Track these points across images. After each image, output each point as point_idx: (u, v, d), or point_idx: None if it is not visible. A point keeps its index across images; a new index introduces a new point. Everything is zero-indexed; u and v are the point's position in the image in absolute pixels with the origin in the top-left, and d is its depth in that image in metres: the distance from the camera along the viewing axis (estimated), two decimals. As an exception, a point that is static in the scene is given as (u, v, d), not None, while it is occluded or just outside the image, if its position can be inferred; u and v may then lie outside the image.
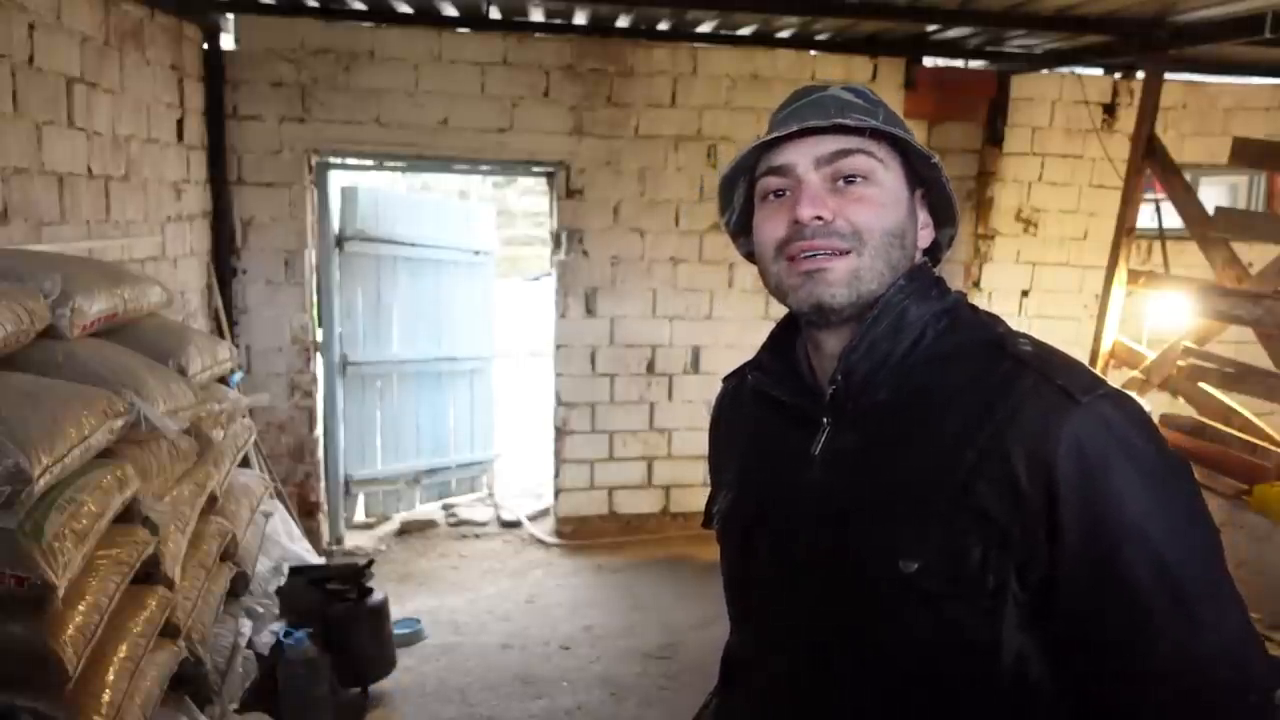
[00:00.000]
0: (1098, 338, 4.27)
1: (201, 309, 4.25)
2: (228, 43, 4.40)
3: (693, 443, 5.04)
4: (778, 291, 1.01)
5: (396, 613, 3.71)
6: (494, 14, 4.45)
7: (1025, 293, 5.37)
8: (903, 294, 0.97)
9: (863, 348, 0.97)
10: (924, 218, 1.04)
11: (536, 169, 4.99)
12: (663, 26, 4.62)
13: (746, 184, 1.04)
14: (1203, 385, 3.94)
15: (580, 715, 3.37)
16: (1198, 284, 3.91)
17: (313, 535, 4.56)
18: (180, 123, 3.99)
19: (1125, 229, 4.18)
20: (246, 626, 2.63)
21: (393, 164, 4.99)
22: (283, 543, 3.40)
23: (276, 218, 4.50)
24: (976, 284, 5.27)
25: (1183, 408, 4.15)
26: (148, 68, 3.62)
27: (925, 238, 1.04)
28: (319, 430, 4.79)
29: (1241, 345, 4.43)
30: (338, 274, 4.82)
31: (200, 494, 2.29)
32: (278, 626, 2.89)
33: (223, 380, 2.79)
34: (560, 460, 5.04)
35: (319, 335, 4.82)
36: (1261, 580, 3.14)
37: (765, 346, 1.10)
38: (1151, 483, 0.85)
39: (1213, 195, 5.52)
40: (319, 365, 4.80)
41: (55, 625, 1.51)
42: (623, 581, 4.57)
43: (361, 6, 4.32)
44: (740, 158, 1.01)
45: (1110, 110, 5.21)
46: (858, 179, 0.96)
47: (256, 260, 4.52)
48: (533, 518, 5.30)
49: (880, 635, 0.93)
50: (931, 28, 4.42)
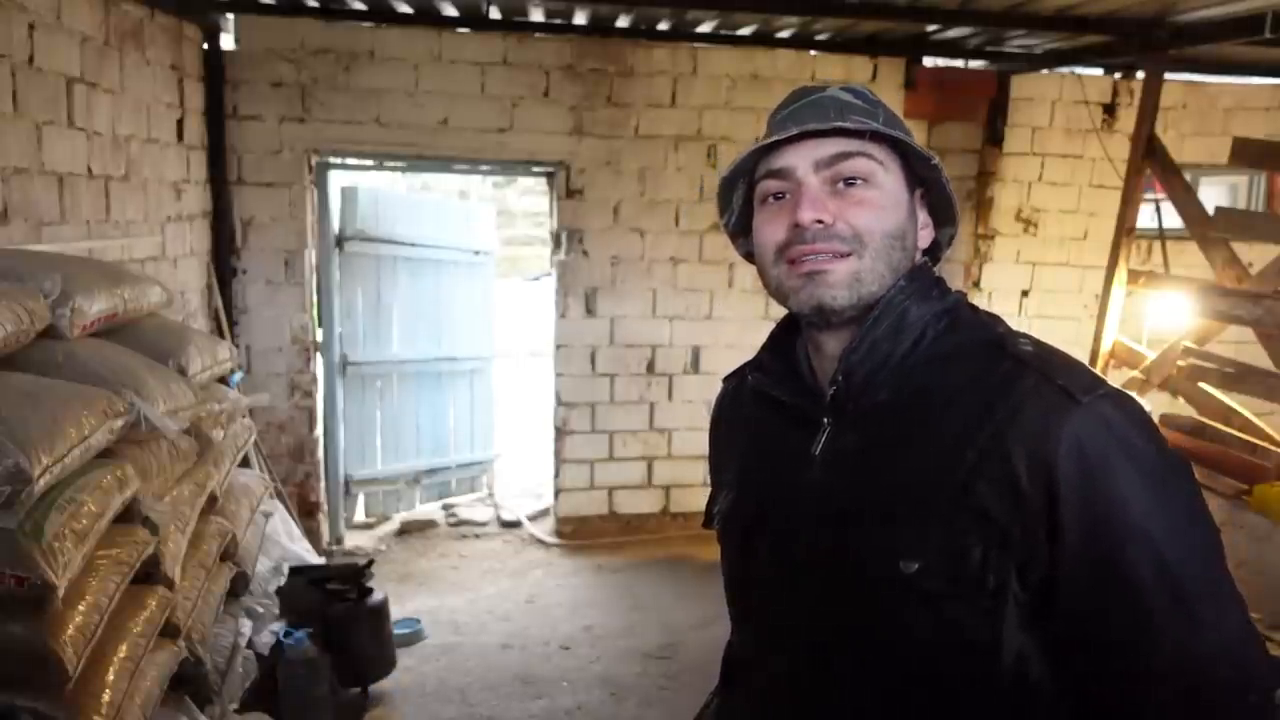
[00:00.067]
0: (1098, 338, 4.27)
1: (201, 309, 4.25)
2: (228, 43, 4.40)
3: (693, 443, 5.04)
4: (778, 294, 1.01)
5: (396, 613, 3.71)
6: (494, 14, 4.45)
7: (1025, 293, 5.37)
8: (903, 294, 0.97)
9: (863, 348, 0.97)
10: (924, 218, 1.04)
11: (536, 169, 4.99)
12: (663, 26, 4.62)
13: (746, 186, 1.04)
14: (1203, 385, 3.94)
15: (580, 715, 3.37)
16: (1198, 284, 3.91)
17: (313, 535, 4.56)
18: (180, 123, 3.99)
19: (1125, 229, 4.18)
20: (246, 626, 2.63)
21: (393, 164, 4.99)
22: (283, 543, 3.40)
23: (276, 218, 4.51)
24: (976, 284, 5.27)
25: (1183, 408, 4.15)
26: (148, 68, 3.62)
27: (925, 238, 1.04)
28: (319, 430, 4.79)
29: (1241, 345, 4.43)
30: (338, 274, 4.82)
31: (200, 494, 2.29)
32: (278, 626, 2.89)
33: (223, 380, 2.79)
34: (560, 460, 5.05)
35: (319, 335, 4.82)
36: (1261, 580, 3.14)
37: (765, 347, 1.10)
38: (1152, 482, 0.85)
39: (1213, 195, 5.52)
40: (319, 365, 4.80)
41: (55, 625, 1.51)
42: (623, 581, 4.57)
43: (361, 6, 4.32)
44: (739, 161, 1.01)
45: (1110, 110, 5.21)
46: (858, 181, 0.96)
47: (256, 260, 4.52)
48: (533, 518, 5.30)
49: (880, 635, 0.93)
50: (931, 28, 4.42)
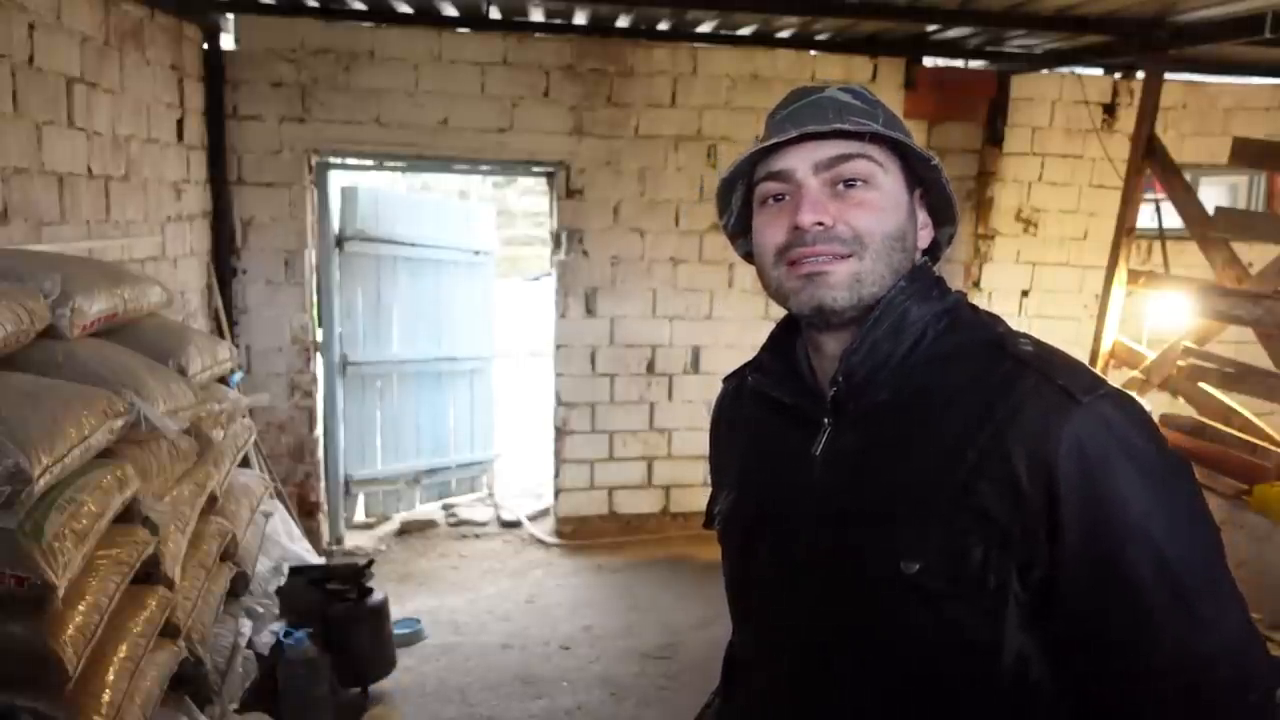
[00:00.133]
0: (1098, 338, 4.27)
1: (201, 309, 4.25)
2: (228, 43, 4.40)
3: (693, 443, 5.05)
4: (778, 295, 1.01)
5: (396, 613, 3.71)
6: (494, 14, 4.45)
7: (1025, 293, 5.37)
8: (903, 295, 0.97)
9: (864, 349, 0.97)
10: (923, 218, 1.04)
11: (536, 169, 4.99)
12: (663, 26, 4.62)
13: (745, 187, 1.04)
14: (1203, 385, 3.94)
15: (580, 715, 3.37)
16: (1198, 284, 3.91)
17: (313, 535, 4.56)
18: (180, 123, 3.99)
19: (1125, 229, 4.18)
20: (246, 626, 2.63)
21: (393, 164, 4.99)
22: (283, 543, 3.40)
23: (276, 218, 4.51)
24: (976, 284, 5.27)
25: (1183, 408, 4.15)
26: (148, 68, 3.62)
27: (925, 238, 1.04)
28: (319, 430, 4.79)
29: (1241, 345, 4.43)
30: (338, 274, 4.82)
31: (200, 494, 2.29)
32: (278, 626, 2.89)
33: (223, 380, 2.79)
34: (560, 460, 5.05)
35: (319, 335, 4.82)
36: (1261, 580, 3.14)
37: (765, 347, 1.10)
38: (1152, 482, 0.85)
39: (1213, 195, 5.52)
40: (319, 365, 4.80)
41: (55, 625, 1.51)
42: (622, 582, 4.57)
43: (361, 6, 4.32)
44: (738, 162, 1.01)
45: (1110, 110, 5.21)
46: (857, 183, 0.96)
47: (256, 260, 4.52)
48: (533, 518, 5.30)
49: (881, 635, 0.93)
50: (931, 28, 4.42)
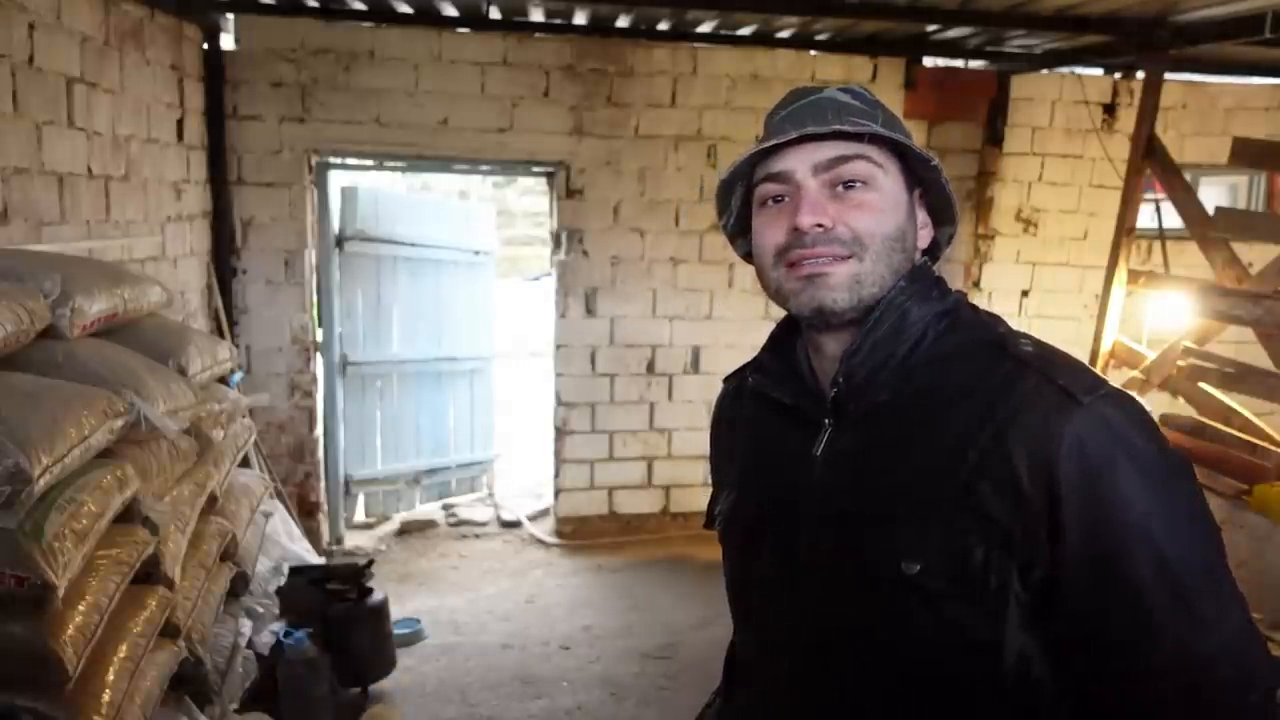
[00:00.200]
0: (1098, 338, 4.27)
1: (201, 309, 4.25)
2: (228, 43, 4.40)
3: (693, 443, 5.05)
4: (778, 296, 1.01)
5: (396, 613, 3.71)
6: (494, 14, 4.45)
7: (1025, 293, 5.37)
8: (904, 295, 0.97)
9: (864, 349, 0.97)
10: (923, 217, 1.04)
11: (536, 169, 4.99)
12: (663, 26, 4.62)
13: (744, 187, 1.04)
14: (1203, 385, 3.94)
15: (580, 715, 3.37)
16: (1198, 284, 3.91)
17: (313, 535, 4.56)
18: (180, 123, 3.99)
19: (1125, 229, 4.18)
20: (246, 626, 2.63)
21: (393, 164, 4.99)
22: (283, 543, 3.40)
23: (276, 218, 4.51)
24: (976, 284, 5.27)
25: (1183, 408, 4.15)
26: (148, 68, 3.62)
27: (925, 237, 1.04)
28: (319, 430, 4.79)
29: (1241, 345, 4.43)
30: (338, 274, 4.82)
31: (200, 494, 2.29)
32: (278, 626, 2.89)
33: (223, 380, 2.79)
34: (560, 460, 5.04)
35: (319, 335, 4.82)
36: (1261, 580, 3.14)
37: (765, 348, 1.10)
38: (1152, 483, 0.85)
39: (1213, 195, 5.52)
40: (319, 365, 4.80)
41: (55, 625, 1.51)
42: (622, 582, 4.57)
43: (361, 6, 4.32)
44: (738, 164, 1.01)
45: (1110, 110, 5.21)
46: (856, 184, 0.96)
47: (256, 260, 4.52)
48: (533, 518, 5.30)
49: (882, 636, 0.93)
50: (931, 28, 4.42)
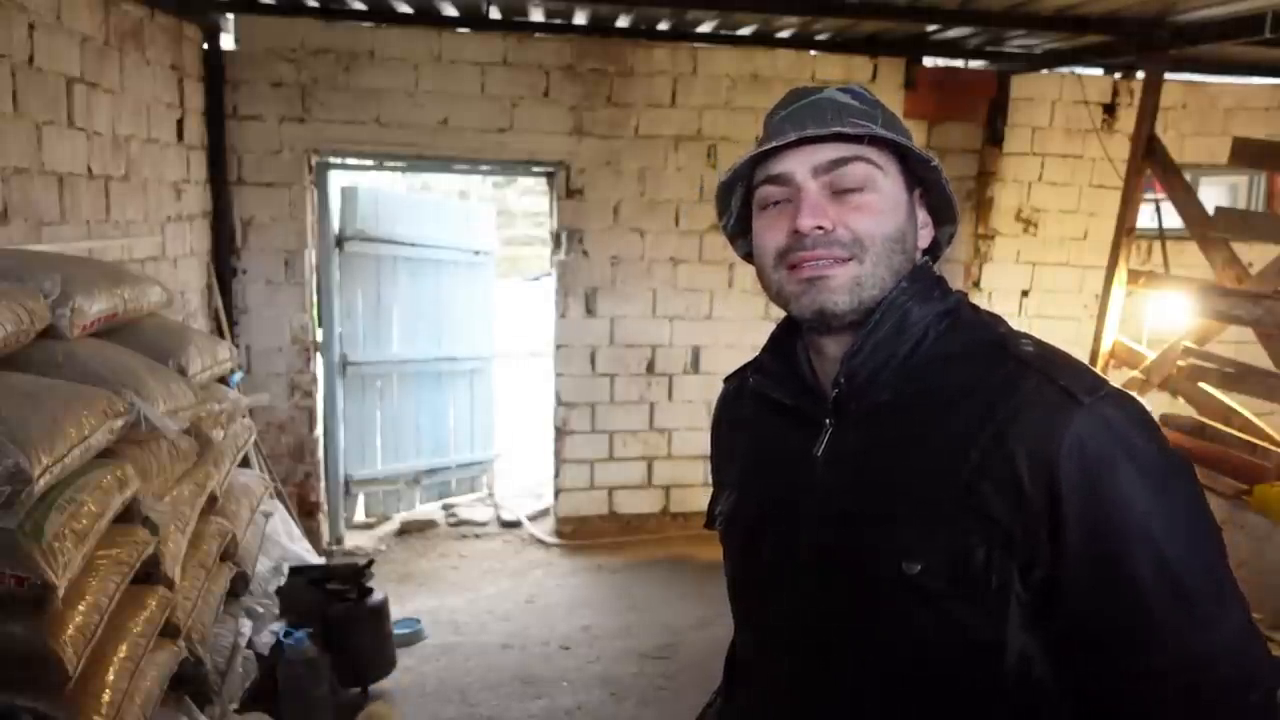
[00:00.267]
0: (1098, 338, 4.27)
1: (201, 309, 4.25)
2: (228, 43, 4.40)
3: (693, 443, 5.05)
4: (778, 298, 1.01)
5: (396, 613, 3.71)
6: (494, 14, 4.45)
7: (1025, 293, 5.37)
8: (905, 295, 0.97)
9: (866, 350, 0.97)
10: (923, 217, 1.04)
11: (536, 169, 4.99)
12: (663, 26, 4.62)
13: (744, 188, 1.04)
14: (1203, 385, 3.94)
15: (580, 715, 3.37)
16: (1198, 284, 3.91)
17: (313, 535, 4.55)
18: (180, 123, 3.98)
19: (1125, 229, 4.18)
20: (246, 626, 2.63)
21: (393, 164, 4.99)
22: (283, 543, 3.40)
23: (276, 218, 4.50)
24: (976, 284, 5.27)
25: (1183, 408, 4.15)
26: (148, 68, 3.62)
27: (925, 237, 1.04)
28: (319, 430, 4.79)
29: (1241, 345, 4.43)
30: (338, 274, 4.82)
31: (200, 494, 2.29)
32: (278, 626, 2.89)
33: (223, 380, 2.79)
34: (560, 460, 5.04)
35: (319, 335, 4.82)
36: (1261, 580, 3.14)
37: (766, 348, 1.10)
38: (1153, 483, 0.85)
39: (1213, 195, 5.52)
40: (319, 365, 4.80)
41: (55, 625, 1.51)
42: (622, 582, 4.57)
43: (361, 6, 4.32)
44: (737, 166, 1.01)
45: (1110, 110, 5.21)
46: (857, 185, 0.95)
47: (256, 260, 4.52)
48: (533, 518, 5.30)
49: (883, 636, 0.93)
50: (931, 28, 4.42)
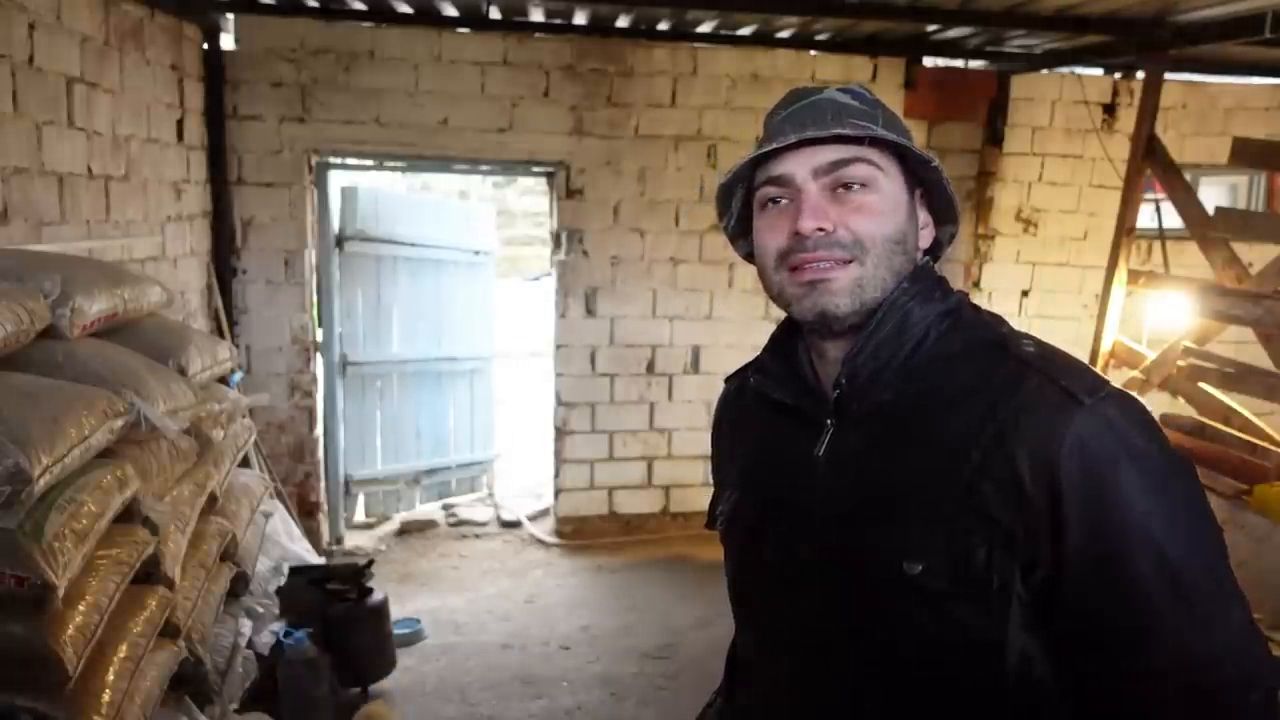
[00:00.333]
0: (1098, 338, 4.27)
1: (201, 309, 4.24)
2: (228, 43, 4.40)
3: (693, 443, 5.04)
4: (780, 299, 1.01)
5: (396, 613, 3.71)
6: (494, 14, 4.45)
7: (1025, 293, 5.37)
8: (906, 296, 0.97)
9: (868, 350, 0.97)
10: (924, 217, 1.04)
11: (536, 169, 4.99)
12: (663, 26, 4.62)
13: (745, 189, 1.04)
14: (1203, 385, 3.94)
15: (580, 715, 3.36)
16: (1198, 284, 3.91)
17: (313, 535, 4.55)
18: (180, 123, 3.98)
19: (1125, 229, 4.18)
20: (246, 626, 2.63)
21: (393, 164, 4.99)
22: (283, 543, 3.40)
23: (276, 218, 4.50)
24: (976, 284, 5.27)
25: (1183, 408, 4.15)
26: (148, 68, 3.62)
27: (926, 237, 1.04)
28: (319, 430, 4.79)
29: (1241, 345, 4.43)
30: (338, 274, 4.81)
31: (200, 494, 2.29)
32: (278, 626, 2.89)
33: (223, 380, 2.79)
34: (560, 460, 5.04)
35: (319, 335, 4.82)
36: (1261, 580, 3.14)
37: (767, 349, 1.10)
38: (1154, 483, 0.85)
39: (1213, 195, 5.52)
40: (319, 365, 4.80)
41: (55, 625, 1.51)
42: (622, 582, 4.57)
43: (361, 6, 4.32)
44: (738, 168, 1.01)
45: (1110, 110, 5.21)
46: (857, 186, 0.96)
47: (256, 260, 4.52)
48: (533, 518, 5.30)
49: (884, 636, 0.93)
50: (931, 28, 4.42)
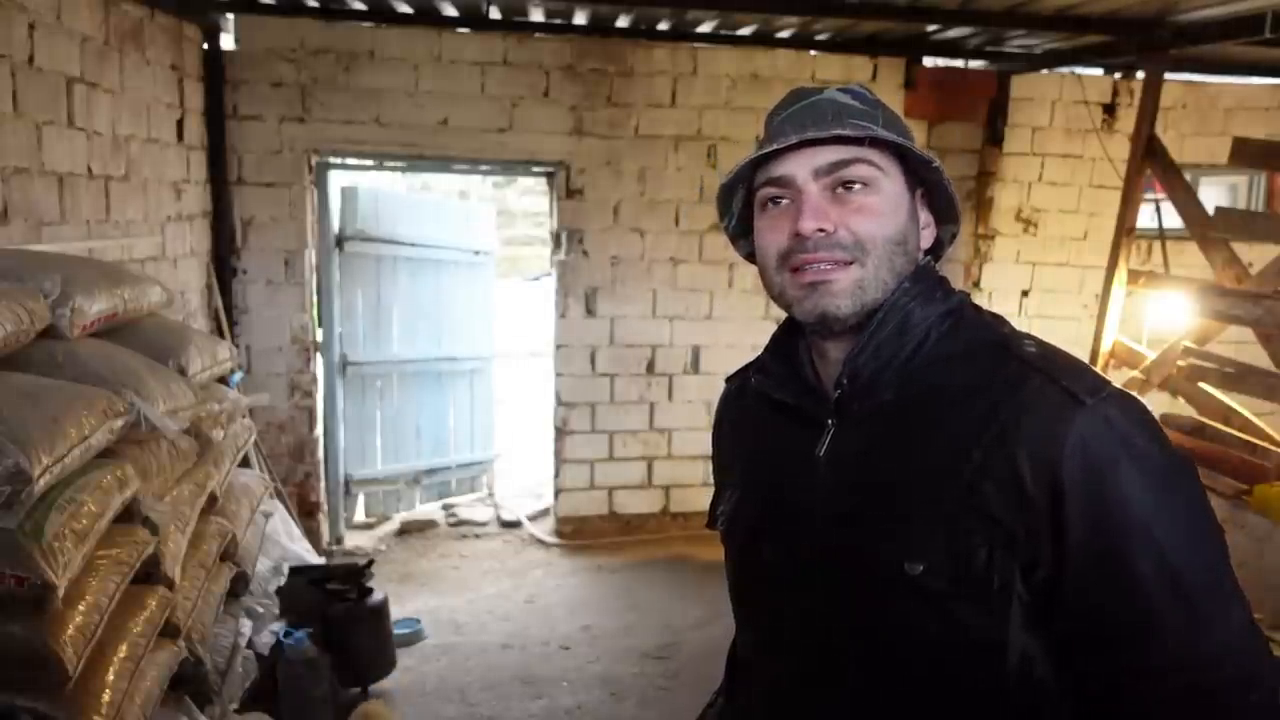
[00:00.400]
0: (1098, 338, 4.27)
1: (201, 309, 4.24)
2: (228, 43, 4.40)
3: (693, 443, 5.04)
4: (781, 300, 1.01)
5: (396, 613, 3.71)
6: (494, 14, 4.45)
7: (1025, 293, 5.37)
8: (907, 296, 0.97)
9: (869, 350, 0.97)
10: (925, 217, 1.04)
11: (536, 169, 4.98)
12: (663, 26, 4.62)
13: (745, 190, 1.04)
14: (1203, 385, 3.94)
15: (580, 715, 3.36)
16: (1198, 284, 3.91)
17: (313, 535, 4.55)
18: (180, 123, 3.98)
19: (1125, 229, 4.18)
20: (246, 626, 2.63)
21: (393, 164, 4.99)
22: (283, 543, 3.40)
23: (276, 218, 4.50)
24: (976, 284, 5.27)
25: (1183, 408, 4.15)
26: (148, 68, 3.62)
27: (927, 237, 1.04)
28: (319, 430, 4.79)
29: (1241, 345, 4.43)
30: (338, 274, 4.81)
31: (200, 494, 2.29)
32: (278, 626, 2.89)
33: (223, 380, 2.79)
34: (560, 460, 5.04)
35: (319, 335, 4.82)
36: (1261, 580, 3.14)
37: (768, 348, 1.10)
38: (1155, 483, 0.85)
39: (1213, 195, 5.52)
40: (319, 365, 4.80)
41: (55, 625, 1.51)
42: (622, 582, 4.57)
43: (361, 6, 4.32)
44: (738, 169, 1.01)
45: (1110, 110, 5.21)
46: (857, 187, 0.96)
47: (256, 260, 4.52)
48: (533, 518, 5.30)
49: (884, 636, 0.93)
50: (931, 28, 4.42)
